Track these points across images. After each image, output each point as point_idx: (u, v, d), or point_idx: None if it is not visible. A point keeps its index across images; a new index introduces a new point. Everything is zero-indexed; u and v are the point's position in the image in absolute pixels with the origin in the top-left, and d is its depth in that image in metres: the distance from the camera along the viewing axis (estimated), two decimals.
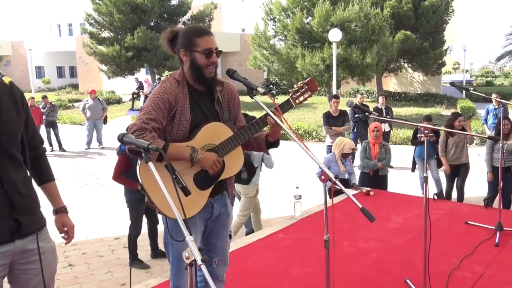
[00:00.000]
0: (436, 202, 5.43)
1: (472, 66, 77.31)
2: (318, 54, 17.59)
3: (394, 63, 24.86)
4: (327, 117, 8.17)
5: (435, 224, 4.65)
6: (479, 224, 4.47)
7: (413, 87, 29.01)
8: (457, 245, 4.05)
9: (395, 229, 4.54)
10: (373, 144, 6.23)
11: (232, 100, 2.52)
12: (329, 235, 2.27)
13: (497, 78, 48.06)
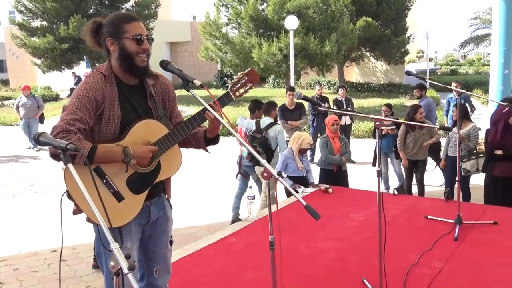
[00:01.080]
0: (396, 197, 5.62)
1: (437, 54, 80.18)
2: (275, 43, 17.74)
3: (356, 52, 25.46)
4: (282, 111, 8.27)
5: (395, 220, 4.82)
6: (439, 218, 4.66)
7: (376, 77, 29.78)
8: (417, 241, 4.21)
9: (355, 227, 4.67)
10: (333, 138, 6.35)
11: (166, 95, 2.51)
12: (282, 237, 2.28)
13: (461, 66, 50.05)
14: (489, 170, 5.77)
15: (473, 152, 6.19)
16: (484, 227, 4.48)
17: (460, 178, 4.72)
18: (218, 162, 10.40)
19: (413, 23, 36.16)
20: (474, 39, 35.22)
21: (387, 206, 5.21)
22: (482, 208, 5.08)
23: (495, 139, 5.63)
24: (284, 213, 4.99)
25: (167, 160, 2.37)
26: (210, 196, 8.09)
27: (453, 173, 6.32)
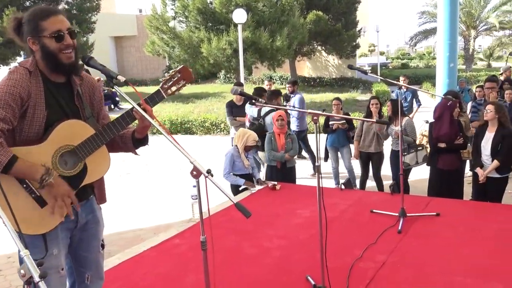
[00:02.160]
0: (344, 192, 5.74)
1: (389, 48, 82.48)
2: (225, 37, 17.70)
3: (307, 46, 25.77)
4: (230, 107, 8.26)
5: (341, 215, 4.93)
6: (384, 212, 4.80)
7: (328, 72, 30.29)
8: (362, 235, 4.32)
9: (301, 224, 4.73)
10: (278, 134, 6.41)
11: (93, 94, 2.45)
12: (228, 236, 2.28)
13: (412, 60, 51.70)
14: (433, 163, 6.00)
15: (413, 145, 6.41)
16: (427, 219, 4.66)
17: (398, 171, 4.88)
18: (168, 161, 10.29)
19: (364, 17, 37.02)
20: (423, 32, 36.44)
21: (335, 201, 5.34)
22: (426, 200, 5.28)
23: (439, 132, 5.86)
24: (230, 212, 5.00)
25: (94, 162, 2.32)
26: (158, 196, 7.99)
27: (397, 167, 6.56)
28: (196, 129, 14.60)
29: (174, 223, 6.21)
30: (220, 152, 9.67)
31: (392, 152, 6.69)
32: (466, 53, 35.62)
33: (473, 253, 3.87)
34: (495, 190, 5.65)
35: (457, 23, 11.12)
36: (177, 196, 7.60)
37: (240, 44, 14.47)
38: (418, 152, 6.42)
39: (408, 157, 6.26)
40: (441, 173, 5.89)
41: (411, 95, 10.59)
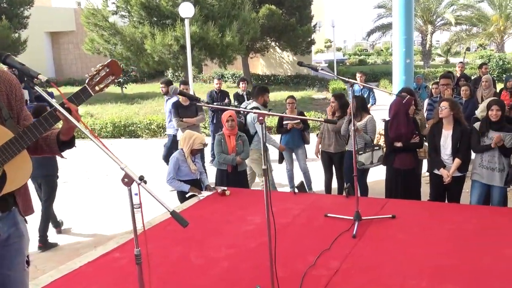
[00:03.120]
0: (297, 196, 5.79)
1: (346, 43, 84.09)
2: (171, 32, 17.52)
3: (260, 42, 25.93)
4: (176, 107, 8.18)
5: (294, 220, 4.97)
6: (338, 215, 4.87)
7: (283, 69, 30.57)
8: (315, 241, 4.36)
9: (251, 232, 4.73)
10: (229, 136, 6.40)
11: (12, 93, 2.35)
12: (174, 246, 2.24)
13: (370, 56, 52.91)
14: (389, 163, 6.15)
15: (370, 144, 6.55)
16: (383, 221, 4.76)
17: (357, 172, 4.97)
18: (110, 167, 10.07)
19: (319, 11, 37.65)
20: (380, 27, 37.37)
21: (288, 206, 5.38)
22: (382, 202, 5.39)
23: (395, 131, 6.01)
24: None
25: (14, 169, 2.23)
26: (98, 206, 7.82)
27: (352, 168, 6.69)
28: (142, 132, 14.40)
29: (115, 235, 6.09)
30: None
31: (347, 152, 6.82)
32: (424, 49, 36.79)
33: (428, 255, 3.97)
34: (455, 189, 5.86)
35: (413, 17, 11.42)
36: (119, 206, 7.45)
37: (188, 40, 14.35)
38: (374, 152, 6.56)
39: (364, 156, 6.38)
40: (398, 173, 6.05)
41: (367, 92, 10.84)
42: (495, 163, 5.57)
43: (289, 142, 7.58)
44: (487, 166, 5.62)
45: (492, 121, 5.55)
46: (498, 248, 4.03)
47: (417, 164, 6.46)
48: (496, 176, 5.60)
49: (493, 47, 39.22)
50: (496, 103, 5.62)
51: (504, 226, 4.55)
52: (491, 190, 5.71)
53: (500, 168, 5.57)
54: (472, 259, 3.88)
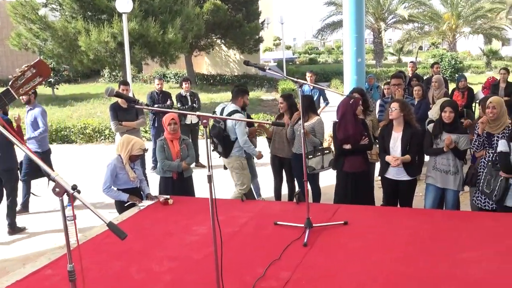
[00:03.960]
0: (245, 203, 5.81)
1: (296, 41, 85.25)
2: (107, 29, 17.24)
3: (205, 40, 25.93)
4: (114, 110, 8.07)
5: (242, 229, 4.99)
6: (288, 223, 4.93)
7: (230, 68, 30.65)
8: (264, 251, 4.39)
9: (196, 242, 4.72)
10: (171, 141, 6.35)
11: None
12: (112, 261, 2.19)
13: (321, 54, 53.85)
14: (339, 167, 6.28)
15: (319, 148, 6.67)
16: (335, 228, 4.85)
17: (308, 177, 5.05)
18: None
19: (267, 7, 38.02)
20: (331, 25, 38.14)
21: (235, 214, 5.40)
22: (333, 208, 5.49)
23: (344, 133, 6.15)
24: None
25: None
26: (29, 219, 7.58)
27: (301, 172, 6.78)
28: (76, 137, 14.07)
29: (46, 250, 5.93)
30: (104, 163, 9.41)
31: (294, 156, 6.90)
32: (376, 48, 37.79)
33: (383, 262, 4.08)
34: (406, 193, 6.05)
35: (364, 15, 11.66)
36: (51, 219, 7.27)
37: (126, 36, 14.15)
38: (325, 155, 6.67)
39: (314, 161, 6.49)
40: (348, 177, 6.19)
41: (318, 93, 11.01)
42: (449, 166, 5.79)
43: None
44: (441, 169, 5.83)
45: (445, 123, 5.77)
46: (453, 253, 4.19)
47: (368, 167, 6.61)
48: (450, 179, 5.82)
49: (445, 46, 40.81)
50: (449, 104, 5.85)
51: (458, 230, 4.73)
52: (445, 193, 5.93)
53: (454, 171, 5.80)
54: (428, 265, 4.01)
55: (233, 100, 6.90)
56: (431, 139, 5.90)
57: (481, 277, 3.78)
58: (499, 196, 5.33)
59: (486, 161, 5.70)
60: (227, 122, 6.67)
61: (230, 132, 6.76)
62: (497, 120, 5.64)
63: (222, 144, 6.77)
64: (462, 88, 10.35)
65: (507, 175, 5.30)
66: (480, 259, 4.07)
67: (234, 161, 6.90)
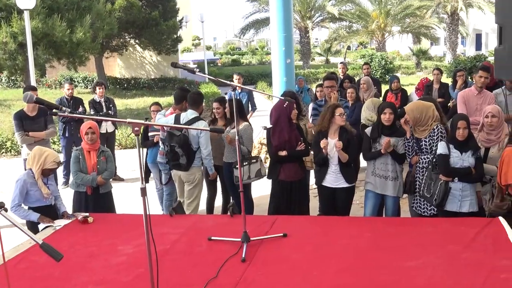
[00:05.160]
0: (174, 218, 5.79)
1: (216, 41, 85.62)
2: (5, 28, 16.61)
3: (117, 39, 25.52)
4: (20, 119, 7.82)
5: (174, 247, 4.97)
6: (224, 238, 4.97)
7: (146, 71, 30.34)
8: (200, 269, 4.41)
9: (123, 264, 4.66)
10: (88, 152, 6.24)
11: None
12: None
13: (244, 55, 54.38)
14: (275, 176, 6.39)
15: (247, 157, 6.76)
16: (274, 241, 4.94)
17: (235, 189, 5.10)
18: None
19: (185, 4, 37.98)
20: (255, 23, 38.55)
21: (164, 230, 5.37)
22: (270, 219, 5.58)
23: (279, 139, 6.26)
24: (30, 256, 4.72)
25: None
26: None
27: (232, 183, 6.86)
28: None
29: None
30: (8, 180, 9.07)
31: (225, 165, 6.96)
32: (303, 48, 38.59)
33: (325, 274, 4.21)
34: (344, 201, 6.24)
35: (292, 12, 11.90)
36: None
37: (28, 36, 13.72)
38: (252, 165, 6.76)
39: (243, 170, 6.55)
40: (284, 186, 6.30)
41: (246, 97, 11.11)
42: (388, 171, 6.04)
43: (155, 156, 7.53)
44: (379, 174, 6.07)
45: (384, 125, 6.02)
46: (396, 262, 4.38)
47: (305, 176, 6.77)
48: (389, 185, 6.07)
49: (374, 46, 42.36)
50: (388, 106, 6.12)
51: (400, 238, 4.95)
52: (385, 200, 6.18)
53: (393, 176, 6.06)
54: (371, 275, 4.17)
55: (193, 106, 6.67)
56: (369, 143, 6.13)
57: (426, 285, 3.99)
58: (439, 200, 5.61)
59: (420, 167, 5.98)
60: (191, 131, 6.45)
61: (193, 142, 6.55)
62: (418, 125, 5.94)
63: (186, 155, 6.50)
64: (395, 89, 10.78)
65: (446, 178, 5.59)
66: (424, 266, 4.28)
67: (195, 172, 6.69)
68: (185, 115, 6.62)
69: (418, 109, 5.93)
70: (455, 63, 23.86)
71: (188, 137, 6.47)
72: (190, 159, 6.52)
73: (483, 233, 4.83)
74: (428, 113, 5.92)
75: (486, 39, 46.13)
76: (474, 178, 5.61)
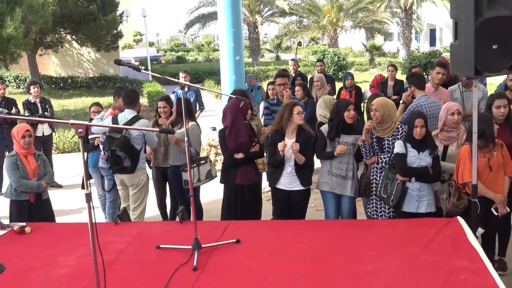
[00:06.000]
0: (120, 226, 5.73)
1: (159, 37, 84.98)
2: None
3: (52, 35, 25.05)
4: None
5: (120, 256, 4.93)
6: (173, 246, 4.96)
7: (84, 69, 29.91)
8: (149, 279, 4.39)
9: (65, 276, 4.59)
10: (25, 156, 6.14)
11: None
12: None
13: (190, 52, 54.22)
14: (230, 179, 6.40)
15: (195, 158, 6.76)
16: (227, 247, 4.95)
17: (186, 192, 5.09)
18: None
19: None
20: (200, 18, 38.46)
21: (109, 239, 5.31)
22: (223, 225, 5.60)
23: (235, 141, 6.27)
24: None
25: None
26: None
27: (179, 187, 6.86)
28: None
29: None
30: None
31: (171, 169, 6.94)
32: (252, 44, 38.71)
33: (281, 281, 4.25)
34: (300, 204, 6.31)
35: (240, 6, 11.91)
36: None
37: None
38: (201, 166, 6.77)
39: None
40: (240, 190, 6.32)
41: (194, 96, 11.07)
42: (346, 170, 6.14)
43: (97, 161, 7.45)
44: (337, 174, 6.15)
45: (344, 124, 6.11)
46: (355, 266, 4.46)
47: (258, 178, 6.82)
48: (347, 185, 6.17)
49: (326, 41, 42.86)
50: (351, 103, 6.22)
51: (357, 241, 5.03)
52: (341, 200, 6.27)
53: (351, 176, 6.16)
54: (328, 280, 4.24)
55: (130, 106, 6.61)
56: (324, 142, 6.20)
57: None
58: (396, 201, 5.73)
59: (379, 168, 6.11)
60: (131, 131, 6.42)
61: (136, 143, 6.52)
62: (384, 123, 6.06)
63: (130, 157, 6.46)
64: (349, 87, 10.96)
65: (403, 178, 5.73)
66: (383, 269, 4.38)
67: (140, 175, 6.70)
68: (123, 115, 6.58)
69: (387, 105, 6.06)
70: (410, 59, 24.44)
71: (129, 138, 6.43)
72: (135, 161, 6.51)
73: (441, 233, 4.96)
74: (393, 110, 6.08)
75: (440, 35, 47.35)
76: (431, 177, 5.76)
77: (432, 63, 9.89)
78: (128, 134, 6.40)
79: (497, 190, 5.63)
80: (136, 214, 6.61)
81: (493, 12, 4.70)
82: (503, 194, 5.63)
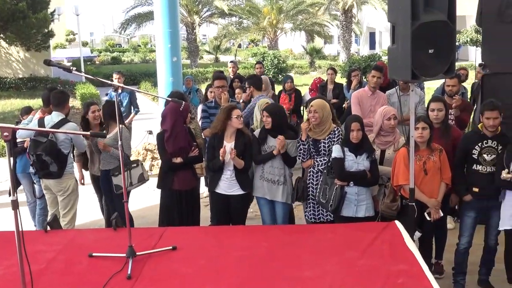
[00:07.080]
0: (49, 234, 5.61)
1: (93, 37, 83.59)
2: None
3: None
4: None
5: (50, 266, 4.83)
6: (107, 254, 4.88)
7: (12, 70, 29.19)
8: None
9: None
10: None
11: None
12: None
13: (125, 52, 53.59)
14: (167, 184, 6.35)
15: (126, 161, 6.69)
16: (163, 255, 4.91)
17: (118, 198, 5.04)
18: None
19: None
20: (137, 17, 38.04)
21: (38, 248, 5.19)
22: (159, 232, 5.55)
23: (175, 145, 6.23)
24: None
25: None
26: None
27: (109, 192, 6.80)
28: None
29: None
30: None
31: (101, 174, 6.85)
32: (190, 45, 38.57)
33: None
34: (239, 209, 6.32)
35: (178, 6, 11.85)
36: None
37: None
38: (132, 170, 6.72)
39: (120, 177, 6.46)
40: (177, 195, 6.28)
41: (128, 98, 10.94)
42: (276, 175, 6.18)
43: (26, 166, 7.26)
44: (268, 178, 6.19)
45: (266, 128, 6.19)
46: (295, 272, 4.50)
47: (197, 183, 6.80)
48: (278, 190, 6.20)
49: (266, 44, 43.13)
50: (264, 109, 6.28)
51: (296, 246, 5.08)
52: (275, 206, 6.30)
53: (282, 181, 6.19)
54: (268, 287, 4.27)
55: (59, 108, 6.46)
56: (258, 145, 6.24)
57: None
58: (335, 206, 5.82)
59: (315, 171, 6.19)
60: (58, 135, 6.31)
61: (63, 146, 6.43)
62: (321, 125, 6.16)
63: (57, 162, 6.36)
64: (288, 90, 11.05)
65: (342, 182, 5.82)
66: (322, 275, 4.44)
67: (68, 180, 6.60)
68: (50, 118, 6.46)
69: (326, 107, 6.15)
70: (350, 63, 24.86)
71: (56, 142, 6.35)
72: (62, 165, 6.43)
73: (379, 238, 5.07)
74: (330, 113, 6.17)
75: (380, 38, 48.44)
76: (369, 181, 5.88)
77: (371, 66, 10.08)
78: (55, 138, 6.31)
79: (432, 195, 5.76)
80: (66, 220, 6.51)
81: (430, 17, 4.83)
82: (437, 199, 5.77)
